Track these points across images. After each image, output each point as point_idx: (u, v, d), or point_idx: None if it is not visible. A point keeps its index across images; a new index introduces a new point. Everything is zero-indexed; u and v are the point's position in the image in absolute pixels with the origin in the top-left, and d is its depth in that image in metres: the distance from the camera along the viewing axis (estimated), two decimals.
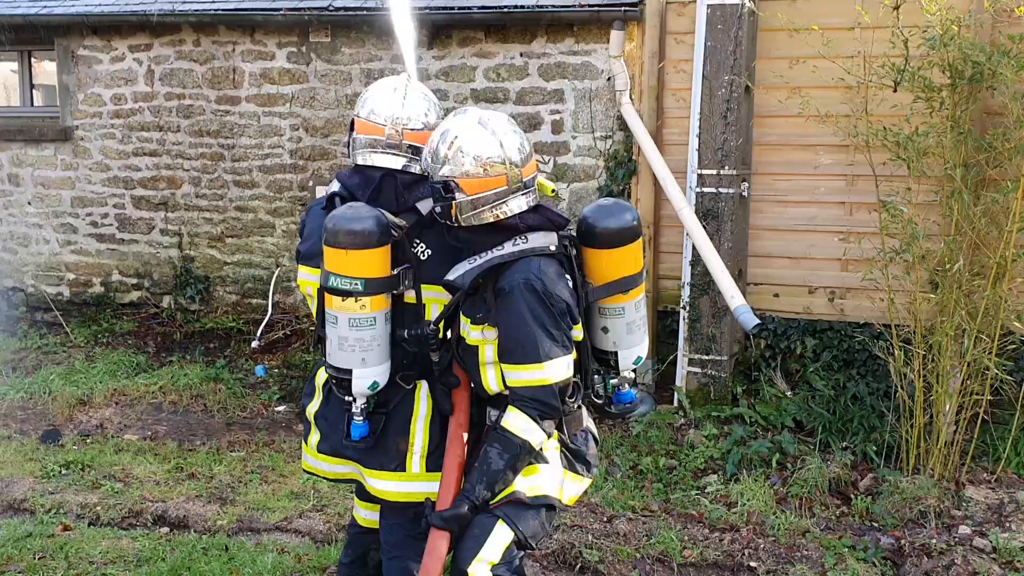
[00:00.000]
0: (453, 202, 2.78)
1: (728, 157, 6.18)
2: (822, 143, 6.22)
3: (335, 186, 3.13)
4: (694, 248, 6.18)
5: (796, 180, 6.39)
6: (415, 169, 3.04)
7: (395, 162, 3.06)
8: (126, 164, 8.58)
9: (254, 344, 7.62)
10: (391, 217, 2.90)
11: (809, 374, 6.23)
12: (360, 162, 3.09)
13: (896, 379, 5.36)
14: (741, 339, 6.57)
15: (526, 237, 2.81)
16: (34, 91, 9.15)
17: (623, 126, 6.94)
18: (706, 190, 6.25)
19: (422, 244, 3.00)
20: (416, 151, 3.05)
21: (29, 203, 8.92)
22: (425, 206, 2.98)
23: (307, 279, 3.12)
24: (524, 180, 2.83)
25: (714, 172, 6.21)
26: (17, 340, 8.29)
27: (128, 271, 8.76)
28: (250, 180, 8.25)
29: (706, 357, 6.36)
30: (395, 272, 2.89)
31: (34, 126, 8.87)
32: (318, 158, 8.04)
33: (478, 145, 2.78)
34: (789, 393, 6.19)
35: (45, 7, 8.46)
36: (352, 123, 3.14)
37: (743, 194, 6.31)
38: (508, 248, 2.79)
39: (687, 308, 6.39)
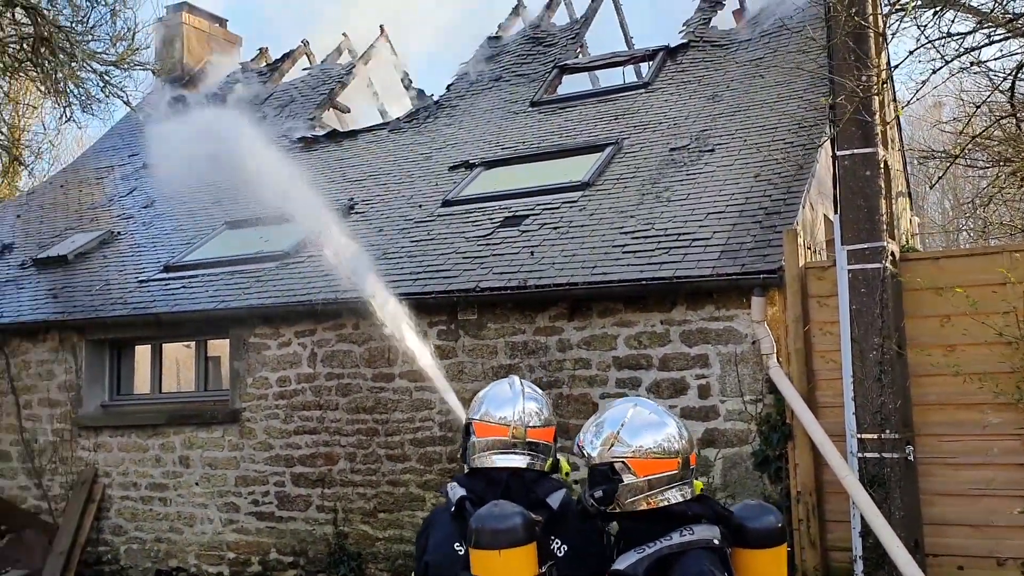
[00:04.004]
0: (620, 484, 2.75)
1: (888, 420, 5.97)
2: (987, 401, 5.95)
3: (460, 491, 3.04)
4: (862, 518, 5.85)
5: (964, 441, 6.07)
6: (538, 467, 3.05)
7: (520, 461, 3.03)
8: (287, 443, 9.00)
9: None
10: (529, 513, 2.84)
11: None
12: (481, 465, 3.05)
13: None
14: None
15: (692, 528, 2.74)
16: (208, 365, 9.91)
17: (773, 388, 6.83)
18: (868, 455, 6.00)
19: (557, 540, 2.94)
20: (536, 448, 3.05)
21: (196, 484, 9.40)
22: (555, 500, 2.96)
23: None
24: (692, 467, 2.82)
25: (875, 436, 5.98)
26: None
27: (285, 549, 8.93)
28: (402, 454, 8.48)
29: None
30: (542, 571, 2.81)
31: (206, 409, 9.54)
32: None
33: (650, 427, 2.80)
34: None
35: (223, 302, 9.34)
36: (467, 427, 3.12)
37: (909, 458, 6.02)
38: (676, 539, 2.71)
39: None
